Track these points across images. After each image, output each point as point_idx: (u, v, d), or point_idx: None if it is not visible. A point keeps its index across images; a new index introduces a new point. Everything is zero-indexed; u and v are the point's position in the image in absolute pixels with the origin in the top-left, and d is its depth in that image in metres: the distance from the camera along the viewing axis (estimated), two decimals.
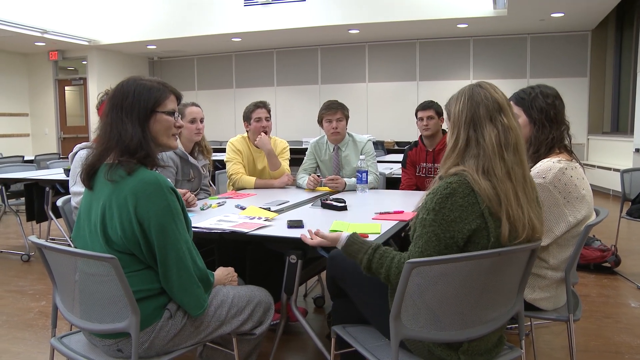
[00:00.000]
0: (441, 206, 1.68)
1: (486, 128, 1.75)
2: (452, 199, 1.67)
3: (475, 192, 1.68)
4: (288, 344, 3.11)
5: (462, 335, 1.70)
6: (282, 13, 10.14)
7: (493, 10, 9.06)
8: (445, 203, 1.68)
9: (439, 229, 1.68)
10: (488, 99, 1.78)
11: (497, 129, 1.75)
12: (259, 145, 4.02)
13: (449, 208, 1.67)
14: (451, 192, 1.68)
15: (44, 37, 10.35)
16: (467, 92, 1.81)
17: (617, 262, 4.55)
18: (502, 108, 1.78)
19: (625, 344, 3.11)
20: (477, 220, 1.67)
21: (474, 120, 1.76)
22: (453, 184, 1.69)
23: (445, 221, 1.67)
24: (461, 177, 1.71)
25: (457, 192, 1.68)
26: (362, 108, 11.88)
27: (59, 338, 1.98)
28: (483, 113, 1.76)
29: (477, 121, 1.76)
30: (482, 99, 1.78)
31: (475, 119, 1.76)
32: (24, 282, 4.45)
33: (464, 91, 1.83)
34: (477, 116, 1.76)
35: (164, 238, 1.77)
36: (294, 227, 2.51)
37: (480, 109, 1.77)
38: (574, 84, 10.43)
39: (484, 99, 1.78)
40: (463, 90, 1.84)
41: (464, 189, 1.68)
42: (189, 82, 13.29)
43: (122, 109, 1.86)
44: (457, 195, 1.67)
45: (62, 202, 2.82)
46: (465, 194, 1.68)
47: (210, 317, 1.95)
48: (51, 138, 12.55)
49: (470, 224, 1.67)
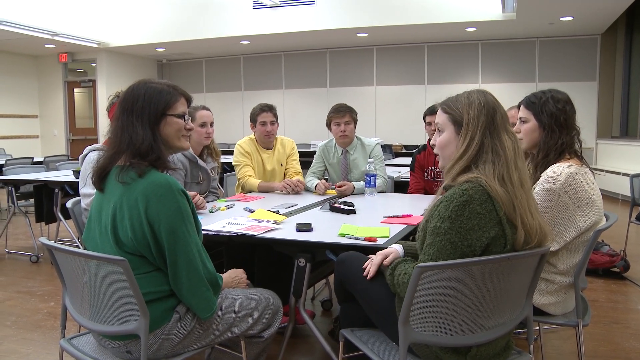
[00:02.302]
0: (458, 214, 1.64)
1: (504, 136, 1.74)
2: (470, 207, 1.63)
3: (492, 199, 1.65)
4: (296, 347, 3.11)
5: (471, 340, 1.69)
6: (290, 16, 10.17)
7: (502, 13, 9.04)
8: (463, 211, 1.63)
9: (456, 237, 1.64)
10: (500, 107, 1.78)
11: (511, 139, 1.75)
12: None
13: (467, 216, 1.63)
14: (468, 199, 1.64)
15: (53, 40, 10.44)
16: (479, 97, 1.78)
17: (626, 267, 4.52)
18: (507, 118, 1.80)
19: (635, 350, 3.08)
20: (495, 228, 1.65)
21: (490, 126, 1.74)
22: (469, 191, 1.65)
23: (463, 229, 1.63)
24: (476, 184, 1.67)
25: (474, 200, 1.64)
26: (370, 111, 11.88)
27: (68, 339, 1.99)
28: (499, 121, 1.75)
29: (494, 128, 1.74)
30: (497, 106, 1.78)
31: (492, 125, 1.74)
32: (32, 283, 4.47)
33: (474, 96, 1.79)
34: (494, 123, 1.75)
35: (174, 240, 1.78)
36: (303, 231, 2.51)
37: (497, 116, 1.76)
38: (583, 88, 10.39)
39: (498, 107, 1.78)
40: (472, 95, 1.80)
41: (481, 196, 1.65)
42: (198, 84, 13.33)
43: (133, 112, 1.87)
44: (475, 203, 1.64)
45: (72, 203, 2.83)
46: (483, 201, 1.65)
47: (219, 320, 1.95)
48: (60, 140, 12.64)
49: (489, 232, 1.64)
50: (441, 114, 1.87)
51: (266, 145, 4.17)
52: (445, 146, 1.84)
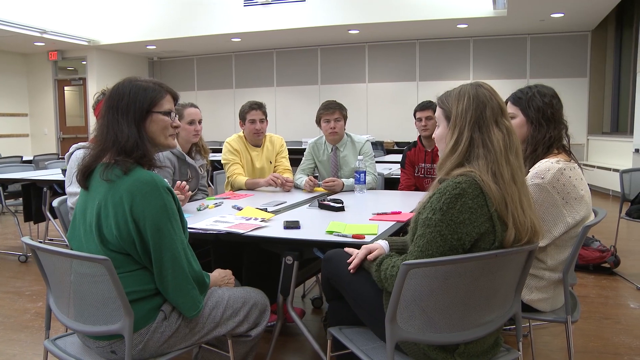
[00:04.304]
0: (449, 206, 1.63)
1: (493, 130, 1.72)
2: (462, 200, 1.63)
3: (484, 194, 1.64)
4: (285, 345, 3.10)
5: (459, 337, 1.68)
6: (282, 13, 10.13)
7: (493, 10, 9.05)
8: (455, 204, 1.63)
9: (446, 229, 1.63)
10: (493, 100, 1.76)
11: (502, 132, 1.73)
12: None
13: (458, 209, 1.63)
14: (461, 192, 1.63)
15: (43, 37, 10.35)
16: (470, 91, 1.77)
17: (617, 263, 4.53)
18: (503, 111, 1.77)
19: (625, 345, 3.09)
20: (485, 224, 1.64)
21: (479, 121, 1.73)
22: (462, 184, 1.64)
23: (453, 222, 1.63)
24: (469, 178, 1.66)
25: (467, 193, 1.63)
26: (361, 108, 11.87)
27: (52, 340, 1.97)
28: (489, 114, 1.74)
29: (483, 122, 1.73)
30: (488, 99, 1.76)
31: (481, 120, 1.73)
32: (21, 283, 4.44)
33: (465, 90, 1.78)
34: (483, 117, 1.73)
35: (159, 238, 1.76)
36: (291, 228, 2.49)
37: (487, 110, 1.74)
38: (573, 84, 10.43)
39: (490, 100, 1.76)
40: (464, 89, 1.79)
41: (474, 190, 1.64)
42: (189, 82, 13.28)
43: (118, 109, 1.86)
44: (467, 197, 1.63)
45: (59, 202, 2.80)
46: (475, 196, 1.64)
47: (205, 319, 1.93)
48: (50, 138, 12.55)
49: (479, 227, 1.64)
50: (437, 107, 1.89)
51: (255, 142, 4.14)
52: (440, 140, 1.87)
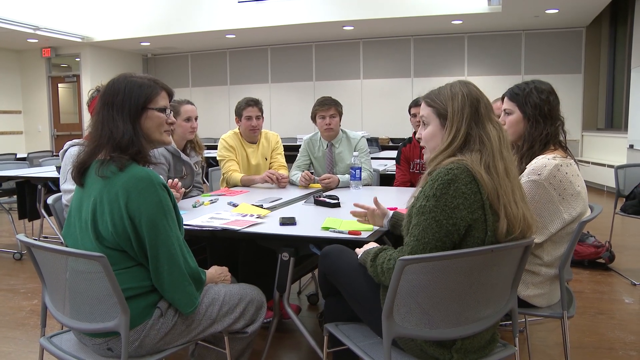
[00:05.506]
0: (442, 192, 1.64)
1: (488, 125, 1.75)
2: (455, 185, 1.63)
3: (476, 181, 1.65)
4: (281, 342, 3.10)
5: (455, 333, 1.68)
6: (276, 10, 10.11)
7: (487, 6, 9.06)
8: (448, 189, 1.63)
9: (440, 215, 1.63)
10: (483, 97, 1.80)
11: (495, 127, 1.76)
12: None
13: (452, 194, 1.63)
14: (453, 177, 1.64)
15: (36, 34, 10.29)
16: (462, 88, 1.79)
17: (612, 258, 4.55)
18: (491, 107, 1.81)
19: (619, 340, 3.10)
20: (478, 211, 1.65)
21: (475, 117, 1.75)
22: (454, 170, 1.65)
23: (447, 207, 1.63)
24: (461, 165, 1.67)
25: (459, 179, 1.64)
26: (356, 105, 11.87)
27: (48, 337, 1.96)
28: (483, 110, 1.76)
29: (479, 118, 1.75)
30: (480, 96, 1.79)
31: (477, 116, 1.75)
32: (15, 280, 4.42)
33: (457, 88, 1.80)
34: (478, 113, 1.76)
35: (155, 234, 1.76)
36: (286, 224, 2.49)
37: (481, 106, 1.77)
38: (568, 81, 10.44)
39: (482, 97, 1.79)
40: (455, 87, 1.81)
41: (466, 177, 1.65)
42: (183, 79, 13.24)
43: (113, 106, 1.85)
44: (460, 182, 1.64)
45: (53, 200, 2.78)
46: (467, 182, 1.64)
47: (201, 316, 1.93)
48: (45, 135, 12.48)
49: (472, 213, 1.64)
50: (425, 107, 1.88)
51: (251, 139, 4.14)
52: (431, 139, 1.86)
